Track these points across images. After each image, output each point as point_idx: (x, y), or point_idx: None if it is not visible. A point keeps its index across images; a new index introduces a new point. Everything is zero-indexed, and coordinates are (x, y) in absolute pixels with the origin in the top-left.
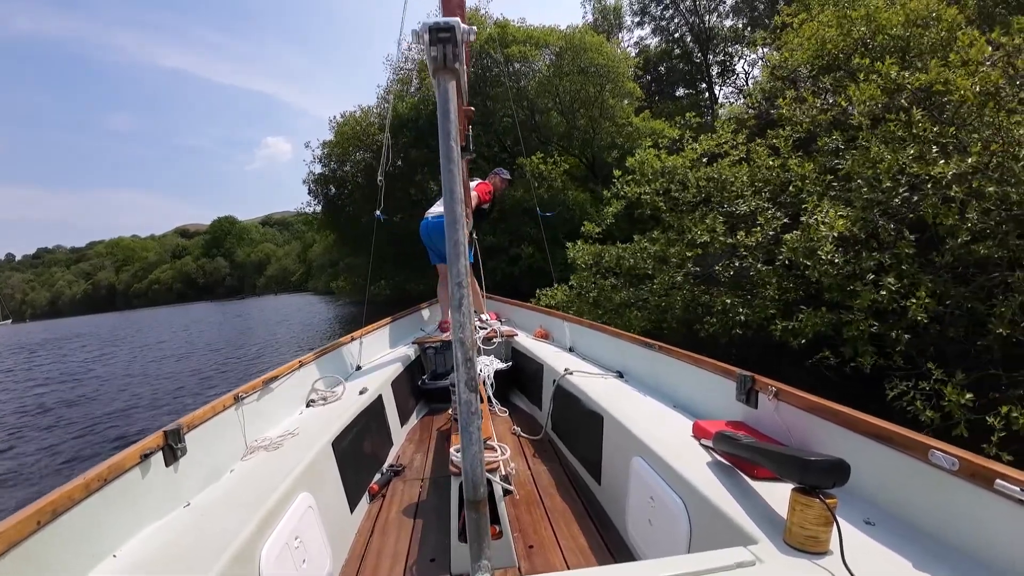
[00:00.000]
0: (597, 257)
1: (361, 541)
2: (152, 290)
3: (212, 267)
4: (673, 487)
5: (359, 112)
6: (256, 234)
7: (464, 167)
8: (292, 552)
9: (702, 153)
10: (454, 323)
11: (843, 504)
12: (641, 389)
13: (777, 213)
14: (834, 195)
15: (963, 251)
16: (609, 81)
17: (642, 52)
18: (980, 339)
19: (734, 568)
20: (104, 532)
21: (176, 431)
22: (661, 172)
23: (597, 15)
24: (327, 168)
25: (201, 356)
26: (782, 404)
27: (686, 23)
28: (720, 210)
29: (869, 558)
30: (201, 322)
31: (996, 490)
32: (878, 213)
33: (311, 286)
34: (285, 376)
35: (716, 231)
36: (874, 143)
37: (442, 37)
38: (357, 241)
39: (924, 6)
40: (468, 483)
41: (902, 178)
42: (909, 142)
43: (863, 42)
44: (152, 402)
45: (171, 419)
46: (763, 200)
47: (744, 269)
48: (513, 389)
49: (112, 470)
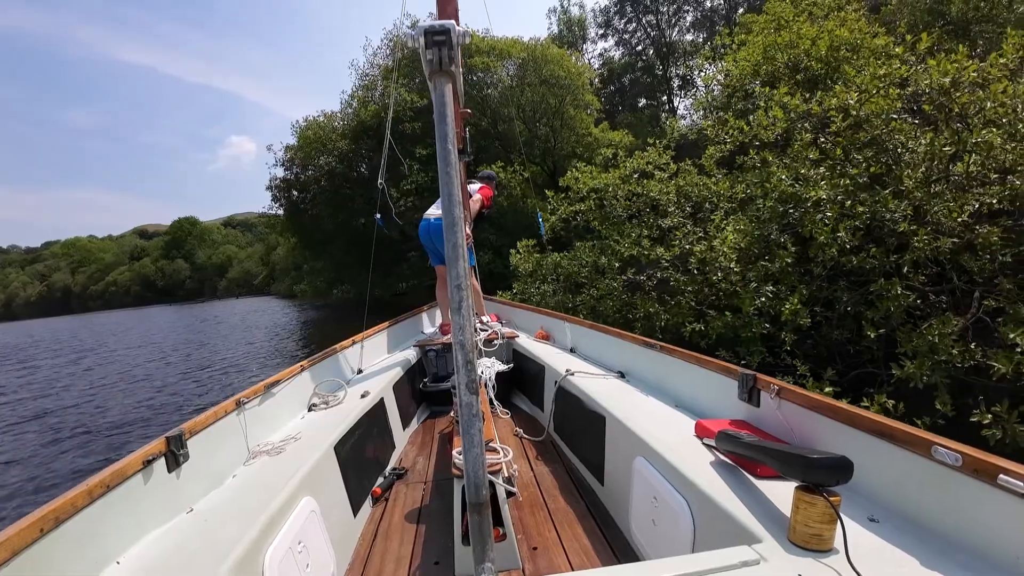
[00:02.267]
0: (537, 265)
1: (364, 545)
2: (109, 292)
3: (172, 269)
4: (676, 487)
5: (322, 117)
6: (218, 235)
7: (462, 169)
8: (296, 557)
9: (634, 170)
10: (454, 325)
11: (847, 502)
12: (643, 389)
13: (695, 228)
14: (738, 210)
15: (833, 263)
16: (569, 92)
17: (606, 63)
18: (863, 340)
19: (739, 567)
20: (107, 539)
21: (178, 437)
22: (595, 188)
23: (563, 27)
24: (290, 172)
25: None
26: (784, 402)
27: (648, 37)
28: (647, 224)
29: (874, 556)
30: (165, 329)
31: (1000, 485)
32: (776, 228)
33: (274, 289)
34: (286, 381)
35: (642, 244)
36: (775, 166)
37: (438, 40)
38: (320, 245)
39: (848, 34)
40: (470, 485)
41: (790, 198)
42: (801, 165)
43: (790, 66)
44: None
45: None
46: (685, 216)
47: (666, 279)
48: (515, 391)
49: (115, 476)
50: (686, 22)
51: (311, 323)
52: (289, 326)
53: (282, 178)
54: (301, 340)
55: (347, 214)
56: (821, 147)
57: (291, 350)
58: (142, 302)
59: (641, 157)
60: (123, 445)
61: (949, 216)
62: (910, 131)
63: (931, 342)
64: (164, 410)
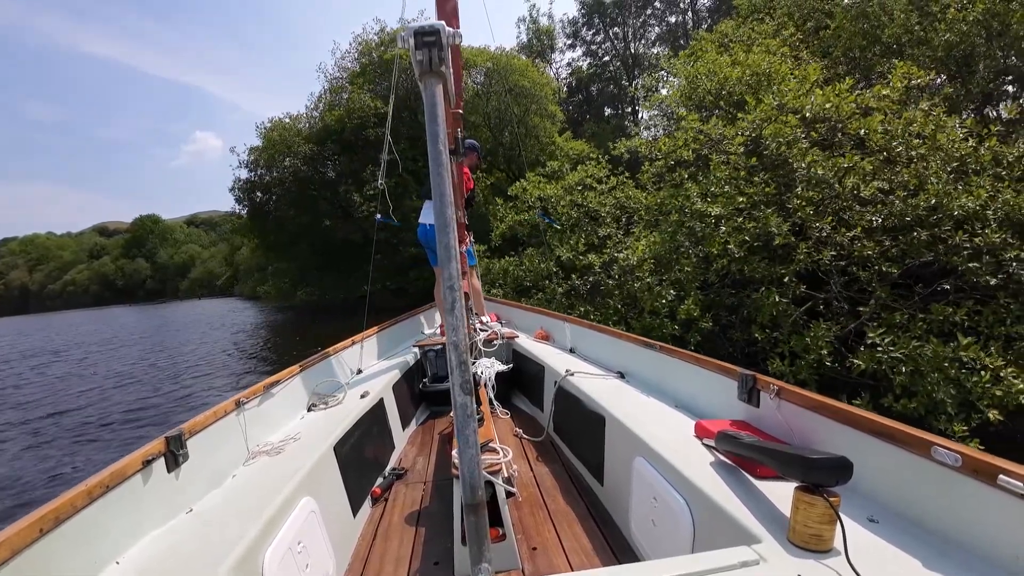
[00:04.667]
0: (486, 270)
1: (364, 545)
2: (68, 291)
3: (132, 268)
4: (676, 487)
5: (288, 119)
6: (181, 234)
7: (455, 170)
8: (295, 557)
9: (577, 182)
10: (447, 326)
11: (846, 502)
12: (642, 389)
13: (625, 237)
14: (660, 223)
15: (726, 272)
16: (534, 102)
17: (575, 72)
18: (759, 342)
19: (738, 567)
20: (107, 539)
21: (178, 437)
22: (540, 198)
23: (532, 36)
24: (254, 174)
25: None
26: (784, 403)
27: (614, 48)
28: (585, 232)
29: (873, 556)
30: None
31: (999, 485)
32: (685, 240)
33: (238, 291)
34: (286, 381)
35: (576, 251)
36: (691, 183)
37: (427, 41)
38: (284, 247)
39: (759, 64)
40: (466, 486)
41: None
42: (712, 184)
43: (713, 93)
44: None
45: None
46: (619, 226)
47: (598, 282)
48: (514, 391)
49: (114, 477)
50: (651, 36)
51: (273, 326)
52: (250, 328)
53: (246, 179)
54: (263, 344)
55: (312, 216)
56: (735, 167)
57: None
58: (101, 302)
59: (583, 170)
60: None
61: (837, 232)
62: (799, 155)
63: (806, 343)
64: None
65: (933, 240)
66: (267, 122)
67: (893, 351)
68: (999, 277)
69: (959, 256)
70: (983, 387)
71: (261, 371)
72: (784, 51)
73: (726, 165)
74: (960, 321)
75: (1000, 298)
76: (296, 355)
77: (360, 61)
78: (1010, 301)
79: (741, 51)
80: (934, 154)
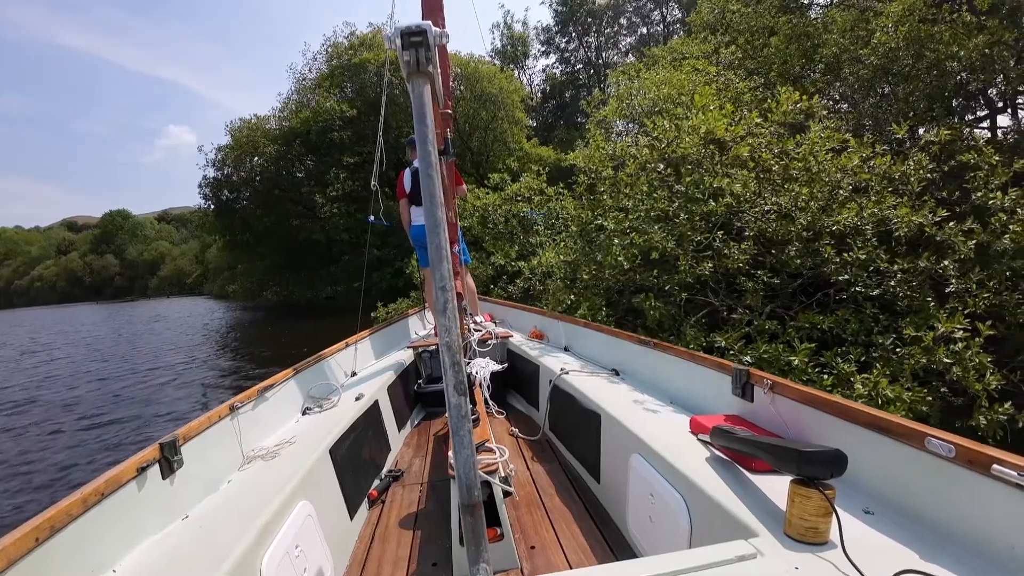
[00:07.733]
0: None
1: (362, 548)
2: (34, 288)
3: (100, 265)
4: (672, 483)
5: (255, 119)
6: (151, 230)
7: (446, 169)
8: (293, 561)
9: (515, 193)
10: (440, 327)
11: (842, 494)
12: (637, 386)
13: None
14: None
15: (620, 280)
16: (502, 108)
17: (549, 79)
18: None
19: (736, 561)
20: (103, 547)
21: (172, 443)
22: (483, 207)
23: (505, 42)
24: (221, 172)
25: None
26: (778, 397)
27: (587, 56)
28: (519, 240)
29: (869, 547)
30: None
31: (993, 475)
32: (590, 249)
33: (207, 289)
34: (280, 384)
35: (510, 256)
36: (605, 195)
37: (414, 41)
38: (250, 246)
39: (684, 83)
40: (462, 487)
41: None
42: (626, 198)
43: (647, 108)
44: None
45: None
46: (553, 234)
47: (528, 288)
48: (510, 391)
49: (109, 484)
50: (623, 46)
51: (243, 325)
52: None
53: (213, 177)
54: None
55: (277, 216)
56: (650, 182)
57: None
58: (68, 299)
59: (522, 183)
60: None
61: (711, 247)
62: (685, 174)
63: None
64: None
65: (806, 253)
66: (238, 121)
67: (740, 355)
68: (878, 290)
69: (828, 268)
70: (825, 390)
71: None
72: (711, 70)
73: (632, 178)
74: (828, 328)
75: (868, 308)
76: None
77: (329, 64)
78: (877, 312)
79: (670, 69)
80: (815, 176)
